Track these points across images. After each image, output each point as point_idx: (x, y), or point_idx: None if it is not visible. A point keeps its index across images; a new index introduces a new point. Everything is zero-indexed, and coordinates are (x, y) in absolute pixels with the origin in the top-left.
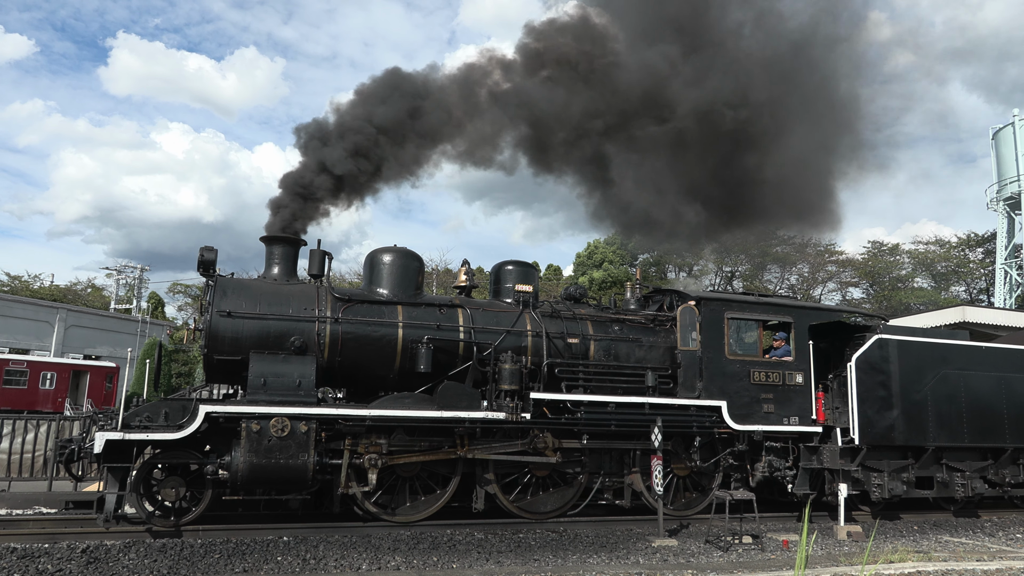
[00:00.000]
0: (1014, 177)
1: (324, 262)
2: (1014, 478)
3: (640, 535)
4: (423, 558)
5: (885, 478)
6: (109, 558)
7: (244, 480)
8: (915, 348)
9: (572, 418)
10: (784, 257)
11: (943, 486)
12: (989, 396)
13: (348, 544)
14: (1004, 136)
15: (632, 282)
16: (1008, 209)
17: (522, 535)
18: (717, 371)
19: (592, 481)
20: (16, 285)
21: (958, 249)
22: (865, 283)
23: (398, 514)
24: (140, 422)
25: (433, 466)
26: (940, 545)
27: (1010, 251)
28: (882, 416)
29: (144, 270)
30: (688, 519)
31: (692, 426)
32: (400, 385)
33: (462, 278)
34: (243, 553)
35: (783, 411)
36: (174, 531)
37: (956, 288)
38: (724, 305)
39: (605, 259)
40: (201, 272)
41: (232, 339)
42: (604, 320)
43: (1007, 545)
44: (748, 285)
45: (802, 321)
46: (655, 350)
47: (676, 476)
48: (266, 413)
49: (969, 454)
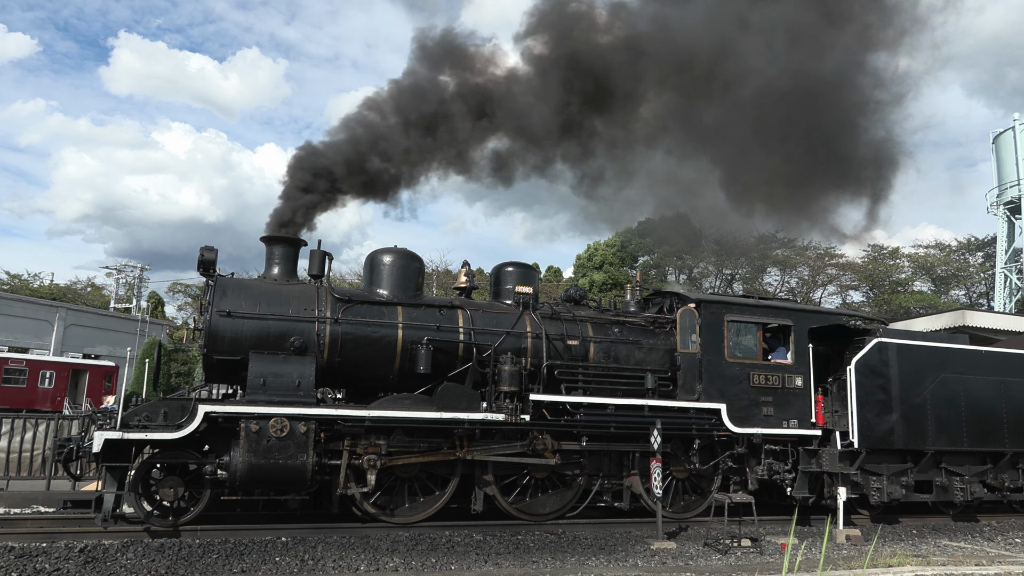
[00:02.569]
0: (1014, 181)
1: (324, 262)
2: (1013, 483)
3: (639, 537)
4: (422, 559)
5: (884, 482)
6: (107, 557)
7: (243, 480)
8: (915, 352)
9: (571, 420)
10: (784, 260)
11: (942, 490)
12: (988, 400)
13: (346, 545)
14: (1004, 140)
15: (632, 284)
16: (1008, 213)
17: (521, 537)
18: (717, 374)
19: (591, 483)
20: (16, 284)
21: (958, 253)
22: (865, 286)
23: (397, 515)
24: (139, 422)
25: (432, 467)
26: (939, 549)
27: (1010, 255)
28: (881, 420)
29: (144, 269)
30: (687, 522)
31: (691, 428)
32: (400, 386)
33: (462, 279)
34: (241, 553)
35: (782, 414)
36: (172, 531)
37: (956, 292)
38: (724, 308)
39: (605, 261)
40: (201, 272)
41: (232, 339)
42: (604, 322)
43: (1006, 550)
44: (748, 288)
45: (802, 324)
46: (655, 352)
47: (675, 478)
48: (265, 413)
49: (968, 458)
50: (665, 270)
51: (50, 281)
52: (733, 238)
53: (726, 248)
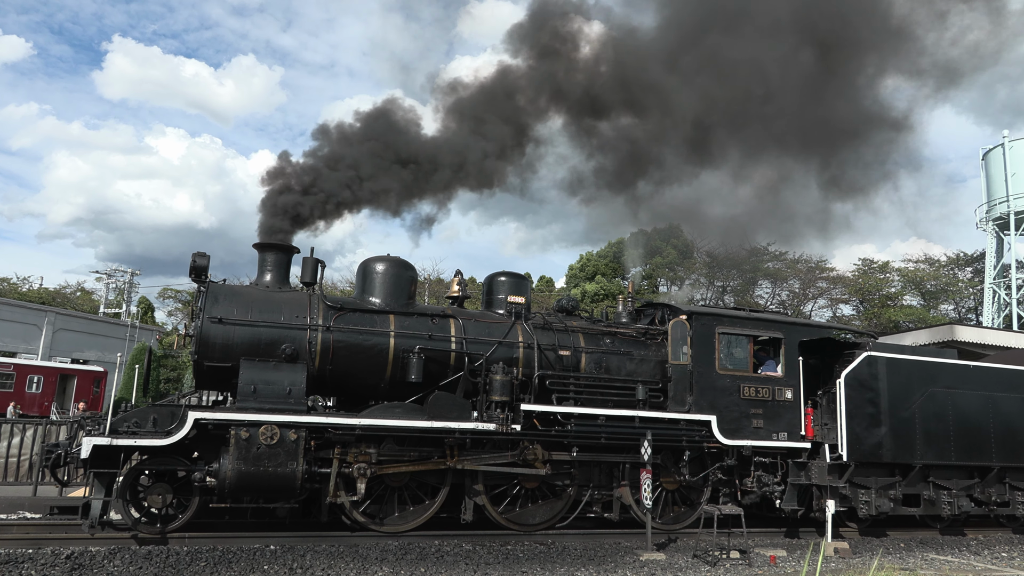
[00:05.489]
0: (1003, 198)
1: (316, 270)
2: (1000, 497)
3: (628, 549)
4: (411, 569)
5: (872, 495)
6: (94, 565)
7: (232, 488)
8: (904, 366)
9: (562, 430)
10: (775, 273)
11: (930, 504)
12: (976, 415)
13: (335, 553)
14: (994, 157)
15: (624, 295)
16: (997, 229)
17: (510, 547)
18: (707, 385)
19: (581, 494)
20: (4, 287)
21: (947, 268)
22: (855, 300)
23: (386, 524)
24: (128, 427)
25: (422, 476)
26: (926, 563)
27: (999, 271)
28: (870, 433)
29: (134, 274)
30: (676, 533)
31: (682, 440)
32: (391, 394)
33: (455, 288)
34: (229, 561)
35: (772, 426)
36: (160, 538)
37: (945, 306)
38: (715, 320)
39: (598, 271)
40: (193, 278)
41: (223, 345)
42: (596, 333)
43: (992, 563)
44: (739, 300)
45: (792, 337)
46: (646, 363)
47: (665, 490)
48: (255, 420)
49: (956, 472)
50: (657, 281)
51: (39, 285)
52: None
53: (718, 260)
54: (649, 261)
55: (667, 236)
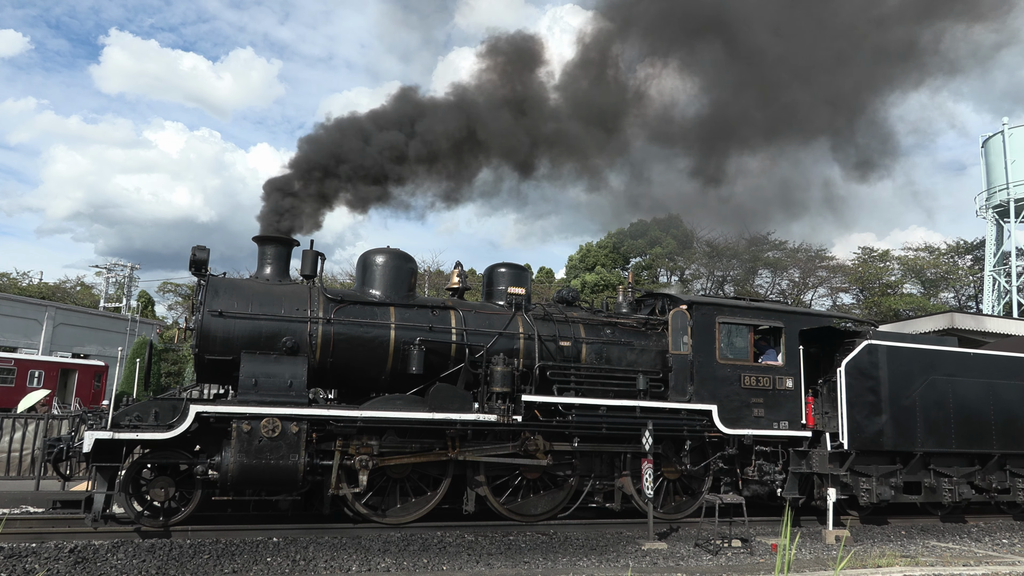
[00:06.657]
0: (1003, 185)
1: (316, 262)
2: (1000, 484)
3: (630, 538)
4: (413, 560)
5: (873, 483)
6: (97, 558)
7: (234, 480)
8: (904, 354)
9: (563, 421)
10: (775, 262)
11: (931, 491)
12: (977, 402)
13: (338, 545)
14: (993, 144)
15: (624, 286)
16: (997, 217)
17: (512, 537)
18: (708, 375)
19: (583, 484)
20: (4, 282)
21: (947, 256)
22: (855, 289)
23: (388, 515)
24: (130, 421)
25: (424, 468)
26: (927, 550)
27: (998, 258)
28: (871, 421)
29: (134, 268)
30: (678, 523)
31: (683, 430)
32: (392, 386)
33: (455, 280)
34: (232, 554)
35: (773, 415)
36: (163, 531)
37: (945, 294)
38: (715, 309)
39: (597, 262)
40: (193, 271)
41: (223, 339)
42: (596, 323)
43: (993, 550)
44: (739, 290)
45: (792, 326)
46: (646, 354)
47: (666, 479)
48: (257, 413)
49: (956, 460)
50: (657, 271)
51: (39, 280)
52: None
53: (717, 250)
54: (649, 251)
55: (667, 226)
